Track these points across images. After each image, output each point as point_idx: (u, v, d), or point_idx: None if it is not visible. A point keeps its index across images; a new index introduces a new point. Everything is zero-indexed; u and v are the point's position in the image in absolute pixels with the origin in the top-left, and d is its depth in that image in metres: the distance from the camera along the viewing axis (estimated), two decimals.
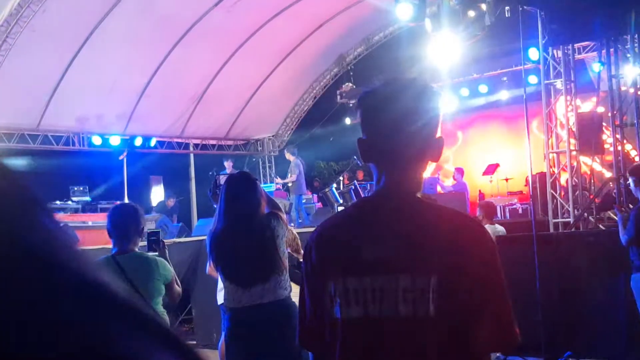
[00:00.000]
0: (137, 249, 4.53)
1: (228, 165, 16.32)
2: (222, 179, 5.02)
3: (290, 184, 15.54)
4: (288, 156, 16.06)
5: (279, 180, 16.10)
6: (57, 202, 15.41)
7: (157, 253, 4.73)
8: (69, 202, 15.67)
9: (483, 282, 1.79)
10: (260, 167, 20.30)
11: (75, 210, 15.44)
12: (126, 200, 16.68)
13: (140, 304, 0.53)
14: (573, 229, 10.09)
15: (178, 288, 4.65)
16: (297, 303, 4.82)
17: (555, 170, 11.53)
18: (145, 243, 4.89)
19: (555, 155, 11.63)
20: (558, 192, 11.37)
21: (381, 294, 1.83)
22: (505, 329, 1.81)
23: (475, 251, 1.80)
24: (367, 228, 1.91)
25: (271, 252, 4.46)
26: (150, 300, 4.40)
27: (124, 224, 4.50)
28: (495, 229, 9.09)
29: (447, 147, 16.46)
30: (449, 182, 16.57)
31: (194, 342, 11.77)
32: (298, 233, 8.42)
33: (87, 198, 16.04)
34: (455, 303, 1.78)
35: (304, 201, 15.53)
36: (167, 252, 4.81)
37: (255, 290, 4.44)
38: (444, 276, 1.78)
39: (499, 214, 14.24)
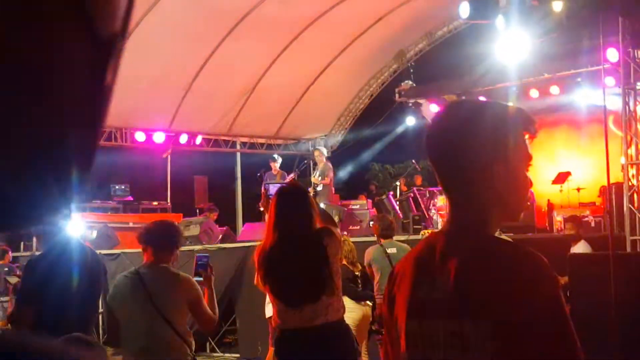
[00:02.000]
0: (168, 264, 4.53)
1: (274, 166, 16.12)
2: (272, 189, 5.01)
3: (320, 187, 15.26)
4: (319, 157, 15.74)
5: (316, 180, 15.56)
6: (98, 201, 15.60)
7: (202, 279, 4.71)
8: (110, 202, 15.84)
9: (545, 329, 1.72)
10: (311, 169, 20.22)
11: (116, 210, 15.61)
12: (169, 201, 16.81)
13: None
14: None
15: (210, 313, 4.58)
16: (350, 325, 4.76)
17: (635, 182, 11.22)
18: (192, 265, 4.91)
19: (635, 165, 11.32)
20: (637, 205, 11.07)
21: (437, 339, 1.83)
22: None
23: (533, 296, 1.73)
24: (425, 267, 1.91)
25: (322, 270, 4.40)
26: (173, 320, 4.37)
27: (160, 245, 4.52)
28: (588, 249, 9.00)
29: None
30: None
31: (237, 355, 11.77)
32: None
33: (129, 197, 16.19)
34: (515, 354, 1.71)
35: (357, 207, 15.37)
36: (213, 279, 4.76)
37: (305, 311, 4.38)
38: (498, 324, 1.73)
39: None
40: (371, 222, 11.73)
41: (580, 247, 9.13)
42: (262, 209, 5.96)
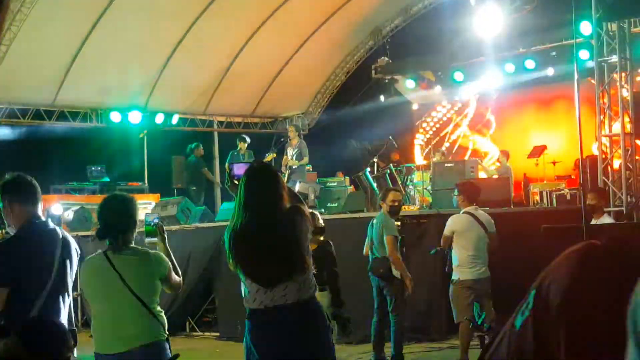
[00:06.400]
0: (132, 243, 4.50)
1: (242, 146, 15.96)
2: (237, 168, 4.96)
3: (295, 166, 14.95)
4: (292, 133, 15.44)
5: (293, 162, 15.07)
6: (74, 182, 15.53)
7: (155, 239, 4.71)
8: (86, 183, 15.78)
9: None
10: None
11: (93, 192, 15.55)
12: (146, 182, 16.77)
13: None
14: (625, 220, 9.91)
15: (177, 278, 4.62)
16: (322, 304, 4.79)
17: (608, 154, 11.34)
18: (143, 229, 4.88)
19: (608, 138, 11.43)
20: (610, 177, 11.19)
21: None
22: None
23: None
24: None
25: (293, 249, 4.42)
26: (146, 299, 4.38)
27: (114, 219, 4.48)
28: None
29: (487, 128, 15.94)
30: (492, 164, 16.45)
31: (217, 334, 11.82)
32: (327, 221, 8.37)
33: (106, 178, 16.13)
34: None
35: (334, 184, 15.36)
36: (166, 237, 4.75)
37: (277, 290, 4.40)
38: None
39: (545, 200, 14.08)
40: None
41: (606, 219, 8.89)
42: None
